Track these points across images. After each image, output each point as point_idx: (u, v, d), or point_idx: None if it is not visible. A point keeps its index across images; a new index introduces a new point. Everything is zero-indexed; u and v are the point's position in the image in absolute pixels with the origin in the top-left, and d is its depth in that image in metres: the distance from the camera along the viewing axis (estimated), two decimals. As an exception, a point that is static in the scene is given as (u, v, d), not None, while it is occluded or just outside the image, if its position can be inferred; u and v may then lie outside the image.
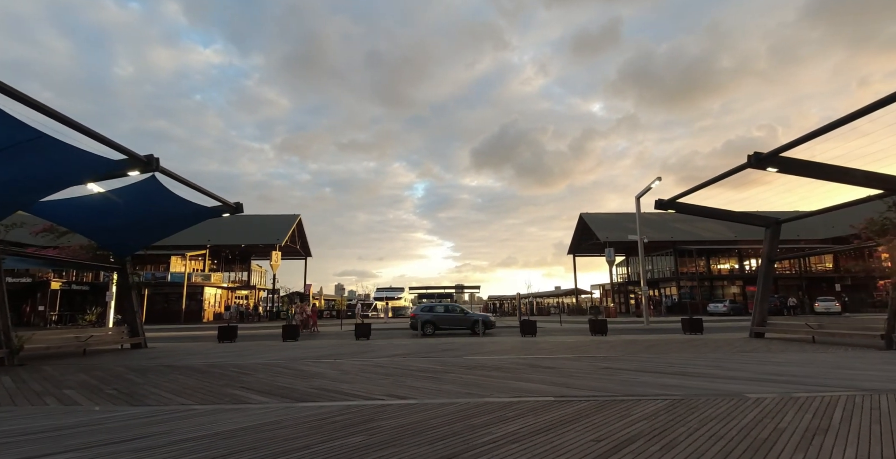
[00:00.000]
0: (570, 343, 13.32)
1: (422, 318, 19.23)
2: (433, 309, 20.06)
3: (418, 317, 19.34)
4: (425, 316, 19.39)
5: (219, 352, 12.41)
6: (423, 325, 18.93)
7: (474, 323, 19.22)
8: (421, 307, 20.68)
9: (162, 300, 33.61)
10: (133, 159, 10.49)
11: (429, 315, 19.49)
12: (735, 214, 15.96)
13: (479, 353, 11.05)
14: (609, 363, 8.85)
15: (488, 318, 20.18)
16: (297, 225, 41.47)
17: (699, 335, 15.95)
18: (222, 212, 14.99)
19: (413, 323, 19.27)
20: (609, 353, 10.67)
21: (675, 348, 11.67)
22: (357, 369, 8.46)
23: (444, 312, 19.97)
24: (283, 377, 7.65)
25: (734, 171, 11.94)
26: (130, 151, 10.07)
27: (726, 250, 38.29)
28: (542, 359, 9.60)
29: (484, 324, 19.26)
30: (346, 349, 12.49)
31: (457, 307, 21.47)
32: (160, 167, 11.17)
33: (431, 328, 19.19)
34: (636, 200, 24.18)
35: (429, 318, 19.32)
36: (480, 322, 19.14)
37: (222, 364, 9.46)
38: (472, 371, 7.86)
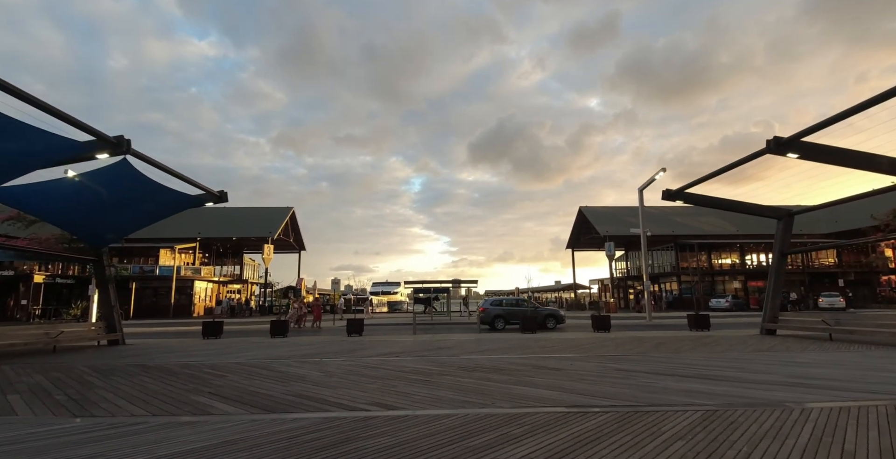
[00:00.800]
0: (573, 341, 12.58)
1: (492, 312, 18.99)
2: (502, 303, 19.67)
3: (488, 311, 19.05)
4: (495, 311, 19.08)
5: (200, 350, 11.61)
6: (493, 319, 18.70)
7: (545, 318, 18.87)
8: (490, 301, 20.32)
9: (151, 295, 32.70)
10: (101, 141, 9.66)
11: (498, 309, 19.14)
12: (746, 205, 15.21)
13: (477, 351, 10.29)
14: (620, 363, 8.10)
15: (558, 312, 19.63)
16: (291, 218, 40.53)
17: (706, 332, 15.26)
18: (206, 201, 14.15)
19: (483, 318, 18.92)
20: (617, 352, 9.93)
21: (687, 346, 10.95)
22: (343, 370, 7.68)
23: (514, 306, 19.57)
24: (260, 379, 6.86)
25: (752, 157, 11.17)
26: (98, 131, 9.24)
27: (728, 245, 37.62)
28: (546, 359, 8.84)
29: (555, 319, 18.96)
30: (334, 347, 11.71)
31: (526, 301, 21.19)
32: (132, 150, 10.33)
33: (502, 322, 18.81)
34: (639, 192, 23.42)
35: (499, 312, 18.97)
36: (552, 317, 18.90)
37: (197, 364, 8.66)
38: (471, 374, 7.09)
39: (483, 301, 21.02)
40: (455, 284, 33.68)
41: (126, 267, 31.98)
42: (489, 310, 19.11)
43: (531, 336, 14.29)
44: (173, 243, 33.45)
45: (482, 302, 20.88)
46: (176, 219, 38.01)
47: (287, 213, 39.40)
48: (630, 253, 44.87)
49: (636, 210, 42.90)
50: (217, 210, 41.67)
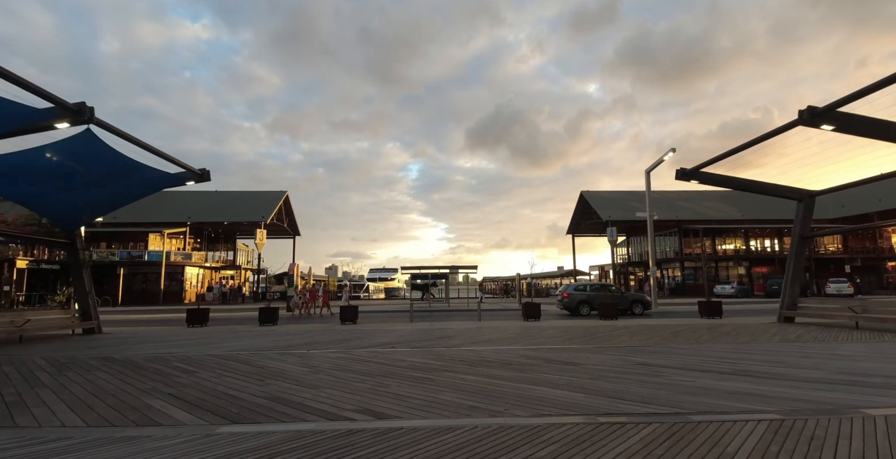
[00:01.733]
0: (581, 329, 11.74)
1: (576, 297, 18.34)
2: (587, 289, 18.97)
3: (572, 297, 18.39)
4: (579, 296, 18.41)
5: (179, 339, 10.73)
6: (577, 305, 18.10)
7: (632, 303, 18.25)
8: (573, 286, 19.67)
9: (140, 281, 31.74)
10: (61, 108, 8.63)
11: (582, 295, 18.44)
12: (764, 185, 14.27)
13: (480, 341, 9.43)
14: (641, 356, 7.24)
15: (644, 297, 18.87)
16: (284, 202, 39.39)
17: (720, 320, 14.46)
18: (186, 179, 13.13)
19: (567, 303, 18.28)
20: (633, 343, 9.08)
21: (706, 336, 10.11)
22: (331, 364, 6.79)
23: (599, 291, 18.82)
24: (234, 376, 5.96)
25: (782, 129, 10.20)
26: (57, 97, 8.21)
27: (732, 230, 36.79)
28: (557, 351, 7.97)
29: (641, 304, 18.28)
30: (326, 337, 10.84)
31: (611, 286, 20.51)
32: (95, 118, 9.29)
33: (587, 308, 18.14)
34: (646, 174, 22.43)
35: (583, 298, 18.28)
36: (638, 303, 18.23)
37: (169, 357, 7.76)
38: (475, 369, 6.21)
39: (565, 286, 20.12)
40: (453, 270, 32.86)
41: (114, 252, 30.99)
42: (573, 296, 18.43)
43: (535, 324, 13.45)
44: (162, 227, 32.37)
45: (564, 287, 20.01)
46: (165, 202, 36.97)
47: (280, 197, 38.26)
48: (632, 239, 44.05)
49: (639, 195, 42.01)
50: (208, 194, 40.52)
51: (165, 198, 38.26)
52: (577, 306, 18.18)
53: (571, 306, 18.23)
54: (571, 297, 18.43)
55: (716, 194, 41.93)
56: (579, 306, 18.18)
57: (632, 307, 18.25)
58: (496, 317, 17.86)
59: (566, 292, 18.95)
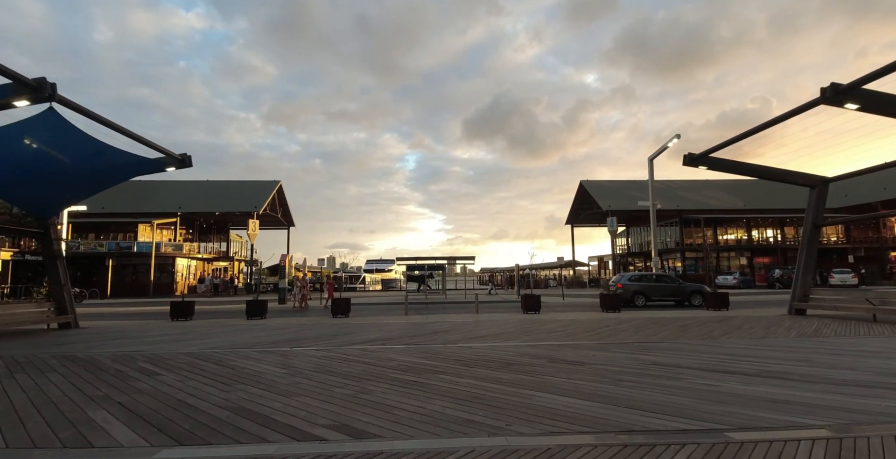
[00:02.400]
0: (584, 323, 11.14)
1: (631, 288, 17.45)
2: (642, 279, 18.04)
3: (627, 287, 17.49)
4: (634, 286, 17.52)
5: (157, 335, 10.08)
6: (633, 295, 17.22)
7: (690, 294, 17.33)
8: (628, 276, 18.69)
9: (130, 272, 31.01)
10: (19, 84, 7.90)
11: (638, 285, 17.54)
12: (776, 171, 13.61)
13: (478, 336, 8.80)
14: (653, 354, 6.61)
15: (704, 288, 17.85)
16: (278, 192, 38.52)
17: (727, 312, 13.90)
18: (166, 165, 12.42)
19: (622, 294, 17.24)
20: (640, 337, 8.46)
21: (717, 329, 9.52)
22: (312, 365, 6.14)
23: (656, 281, 17.94)
24: (200, 380, 5.31)
25: (803, 108, 9.50)
26: (13, 71, 7.46)
27: (734, 220, 36.22)
28: (561, 348, 7.35)
29: (701, 295, 17.25)
30: (313, 331, 10.20)
31: (669, 276, 19.47)
32: (59, 96, 8.55)
33: (642, 299, 17.30)
34: (649, 161, 21.74)
35: (638, 288, 17.41)
36: (698, 293, 17.28)
37: (137, 356, 7.10)
38: (472, 370, 5.57)
39: (619, 277, 19.11)
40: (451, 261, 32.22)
41: (102, 243, 30.21)
42: (628, 286, 17.57)
43: (536, 317, 12.85)
44: (152, 217, 31.57)
45: (617, 278, 18.96)
46: (154, 192, 36.10)
47: (273, 187, 37.41)
48: (631, 229, 43.45)
49: (639, 184, 41.29)
50: (199, 183, 39.63)
51: (155, 188, 37.40)
52: (632, 296, 17.28)
53: (626, 297, 17.20)
54: (625, 288, 17.52)
55: (717, 184, 41.26)
56: (634, 297, 17.28)
57: (691, 298, 17.27)
58: (495, 309, 17.27)
59: (620, 282, 18.02)
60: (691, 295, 17.44)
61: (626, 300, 17.25)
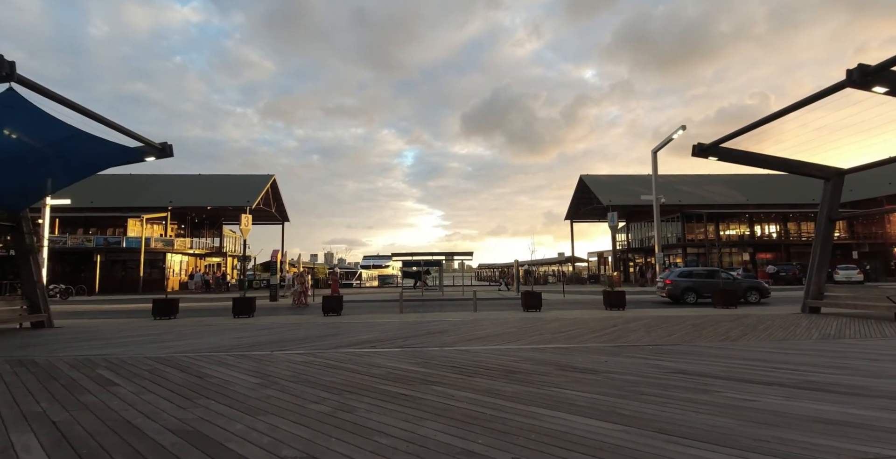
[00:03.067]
0: (589, 322, 10.49)
1: (681, 284, 16.58)
2: (692, 274, 17.12)
3: (677, 284, 16.63)
4: (685, 283, 16.61)
5: (132, 335, 9.40)
6: (682, 292, 16.36)
7: (746, 291, 16.44)
8: (678, 272, 17.73)
9: (119, 268, 30.24)
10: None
11: (689, 281, 16.62)
12: (789, 162, 12.96)
13: (476, 338, 8.14)
14: (672, 360, 5.96)
15: (761, 284, 17.08)
16: (272, 187, 37.69)
17: (737, 310, 13.29)
18: (145, 155, 11.73)
19: (671, 291, 16.58)
20: (653, 339, 7.82)
21: (734, 330, 8.89)
22: (291, 372, 5.46)
23: (708, 277, 17.02)
24: (159, 392, 4.63)
25: (828, 91, 8.83)
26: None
27: (736, 215, 35.62)
28: (569, 352, 6.69)
29: (758, 292, 16.50)
30: (300, 332, 9.53)
31: (721, 271, 18.56)
32: (18, 75, 7.87)
33: (693, 295, 16.44)
34: (653, 154, 21.08)
35: (689, 284, 16.51)
36: (753, 290, 16.46)
37: (99, 361, 6.42)
38: (470, 380, 4.90)
39: (668, 273, 18.14)
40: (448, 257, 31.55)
41: (90, 238, 29.41)
42: (677, 282, 16.72)
43: (537, 315, 12.21)
44: (142, 212, 30.76)
45: (667, 274, 18.00)
46: (145, 186, 35.22)
47: (267, 181, 36.59)
48: (631, 225, 42.83)
49: (639, 179, 40.64)
50: (191, 177, 38.82)
51: (145, 181, 36.57)
52: (682, 293, 16.46)
53: (675, 293, 16.50)
54: (675, 284, 16.68)
55: (719, 178, 40.64)
56: (685, 293, 16.44)
57: (746, 295, 16.43)
58: (494, 307, 16.63)
59: (669, 278, 17.17)
60: (747, 292, 16.55)
61: (676, 298, 16.45)
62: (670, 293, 16.79)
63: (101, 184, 36.30)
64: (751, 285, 16.96)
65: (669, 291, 16.80)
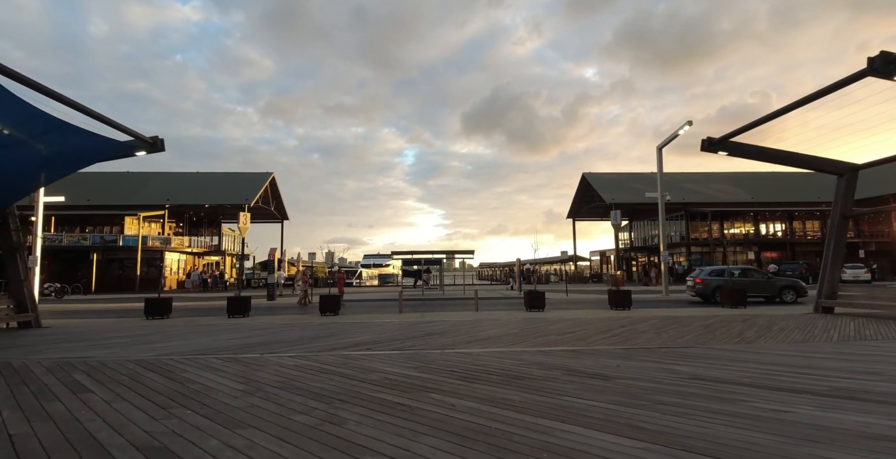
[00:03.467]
0: (595, 323, 10.11)
1: (711, 283, 15.82)
2: (724, 273, 16.27)
3: (707, 283, 15.91)
4: (716, 282, 15.79)
5: (121, 335, 9.05)
6: (713, 291, 15.62)
7: (782, 290, 15.83)
8: (708, 270, 16.93)
9: (116, 267, 29.92)
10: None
11: (720, 280, 15.78)
12: (801, 157, 12.54)
13: (478, 340, 7.76)
14: (688, 364, 5.58)
15: (798, 283, 16.31)
16: (271, 184, 37.30)
17: (746, 310, 12.90)
18: (135, 149, 11.37)
19: (700, 290, 15.89)
20: (665, 341, 7.44)
21: (748, 331, 8.50)
22: (280, 378, 5.09)
23: (741, 276, 16.32)
24: (133, 401, 4.25)
25: (848, 81, 8.41)
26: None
27: (741, 213, 35.19)
28: (577, 355, 6.31)
29: (794, 290, 15.81)
30: (294, 333, 9.16)
31: (755, 269, 17.94)
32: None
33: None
34: (658, 150, 20.68)
35: (720, 283, 15.60)
36: (790, 289, 15.81)
37: (78, 364, 6.05)
38: (472, 387, 4.52)
39: (698, 271, 17.32)
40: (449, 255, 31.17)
41: (86, 236, 29.07)
42: (708, 281, 16.04)
43: (540, 315, 11.83)
44: (139, 210, 30.41)
45: (697, 272, 17.21)
46: (142, 184, 34.84)
47: (266, 178, 36.22)
48: (635, 223, 42.42)
49: (642, 177, 40.22)
50: (188, 175, 38.47)
51: (142, 179, 36.25)
52: (712, 293, 15.75)
53: (706, 293, 15.87)
54: (706, 283, 16.04)
55: (723, 176, 40.20)
56: (716, 292, 15.65)
57: (782, 294, 15.81)
58: (495, 307, 16.26)
59: (699, 277, 16.48)
60: (783, 291, 15.94)
61: (707, 297, 15.82)
62: (700, 291, 16.21)
63: (98, 182, 35.97)
64: (787, 283, 16.29)
65: (699, 290, 16.22)
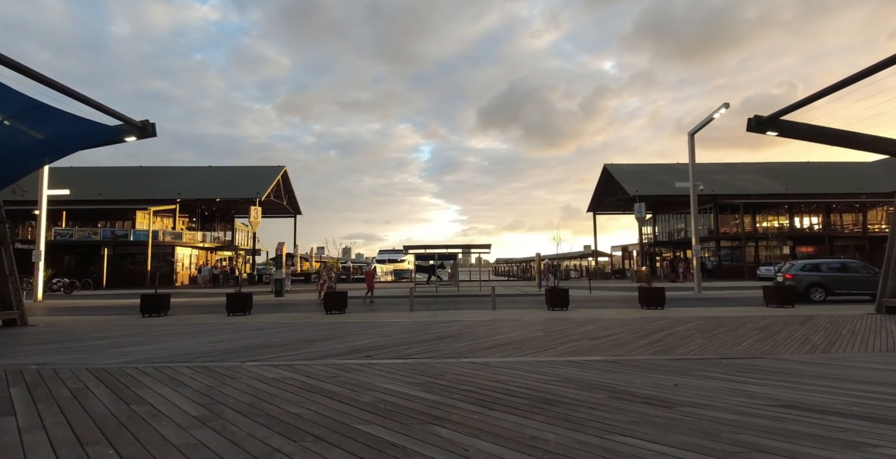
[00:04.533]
0: (629, 324, 8.93)
1: (805, 279, 14.33)
2: (820, 268, 14.77)
3: (799, 278, 14.39)
4: (810, 277, 14.36)
5: (103, 336, 8.25)
6: (807, 288, 14.19)
7: None
8: (800, 265, 15.22)
9: (128, 262, 29.60)
10: None
11: (815, 276, 14.36)
12: (862, 137, 11.10)
13: (496, 346, 6.69)
14: (764, 383, 4.41)
15: None
16: (283, 178, 36.63)
17: (794, 310, 11.56)
18: (123, 134, 10.59)
19: (792, 287, 14.26)
20: (721, 349, 6.26)
21: (815, 336, 7.24)
22: (251, 398, 4.09)
23: (840, 271, 14.68)
24: (51, 430, 3.30)
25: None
26: None
27: (774, 206, 33.22)
28: (618, 368, 5.19)
29: None
30: (290, 334, 8.22)
31: (857, 263, 15.82)
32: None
33: (821, 292, 14.22)
34: (689, 137, 19.24)
35: (816, 279, 14.24)
36: None
37: (32, 372, 5.16)
38: (491, 418, 3.45)
39: (788, 266, 15.59)
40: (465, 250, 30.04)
41: (96, 231, 28.77)
42: (801, 277, 14.50)
43: (564, 315, 10.68)
44: (150, 204, 30.01)
45: (787, 267, 15.54)
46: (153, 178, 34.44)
47: (277, 172, 35.55)
48: (658, 217, 40.65)
49: (668, 168, 38.35)
50: (200, 169, 38.06)
51: (154, 173, 35.96)
52: (805, 290, 14.25)
53: (798, 290, 14.26)
54: (798, 279, 14.45)
55: (755, 167, 38.16)
56: (809, 290, 14.26)
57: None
58: (514, 305, 15.15)
59: (790, 272, 14.85)
60: None
61: (799, 295, 14.17)
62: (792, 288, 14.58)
63: (110, 176, 35.79)
64: None
65: (791, 286, 14.59)
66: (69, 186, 22.16)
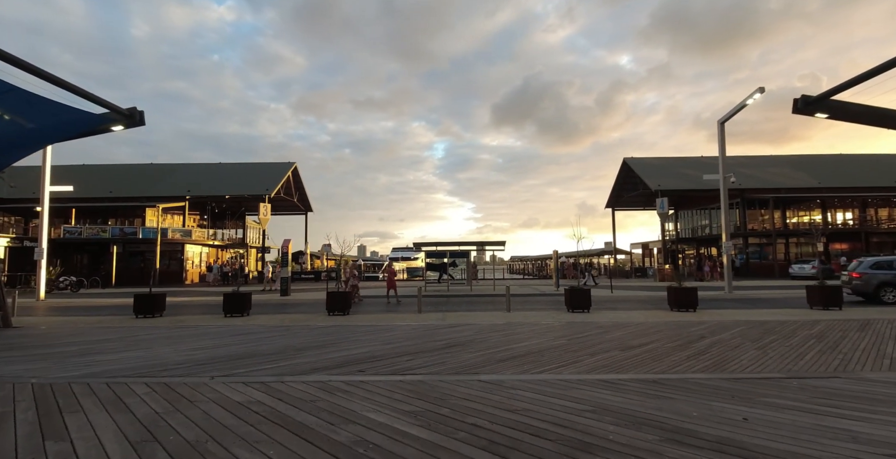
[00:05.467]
0: (661, 329, 7.90)
1: (874, 278, 13.24)
2: (893, 265, 13.40)
3: (868, 277, 13.32)
4: (881, 276, 13.23)
5: (81, 341, 7.55)
6: (876, 288, 13.10)
7: None
8: (870, 262, 13.86)
9: (138, 260, 29.31)
10: None
11: (888, 275, 13.20)
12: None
13: (512, 357, 5.75)
14: (862, 417, 3.40)
15: None
16: (293, 175, 36.01)
17: (840, 313, 10.36)
18: (110, 123, 9.88)
19: (858, 286, 13.43)
20: (779, 362, 5.23)
21: (889, 347, 6.14)
22: (197, 433, 3.22)
23: None
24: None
25: None
26: None
27: (805, 200, 31.51)
28: (664, 389, 4.21)
29: None
30: (280, 341, 7.39)
31: None
32: None
33: (893, 292, 13.09)
34: (719, 125, 17.97)
35: (888, 278, 13.10)
36: None
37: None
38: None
39: (856, 264, 14.35)
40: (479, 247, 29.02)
41: (105, 229, 28.52)
42: (869, 276, 13.37)
43: (586, 318, 9.66)
44: (159, 201, 29.65)
45: (854, 265, 14.33)
46: (163, 175, 34.19)
47: (287, 169, 34.94)
48: (681, 212, 39.08)
49: (691, 161, 36.73)
50: (209, 166, 37.74)
51: (164, 170, 35.73)
52: (876, 290, 13.13)
53: (867, 290, 13.25)
54: (866, 278, 13.34)
55: (783, 160, 36.33)
56: (880, 290, 13.08)
57: None
58: (530, 305, 14.16)
59: (857, 271, 13.75)
60: None
61: (868, 295, 13.15)
62: (859, 289, 13.45)
63: (120, 173, 35.66)
64: None
65: (857, 286, 13.47)
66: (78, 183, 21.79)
